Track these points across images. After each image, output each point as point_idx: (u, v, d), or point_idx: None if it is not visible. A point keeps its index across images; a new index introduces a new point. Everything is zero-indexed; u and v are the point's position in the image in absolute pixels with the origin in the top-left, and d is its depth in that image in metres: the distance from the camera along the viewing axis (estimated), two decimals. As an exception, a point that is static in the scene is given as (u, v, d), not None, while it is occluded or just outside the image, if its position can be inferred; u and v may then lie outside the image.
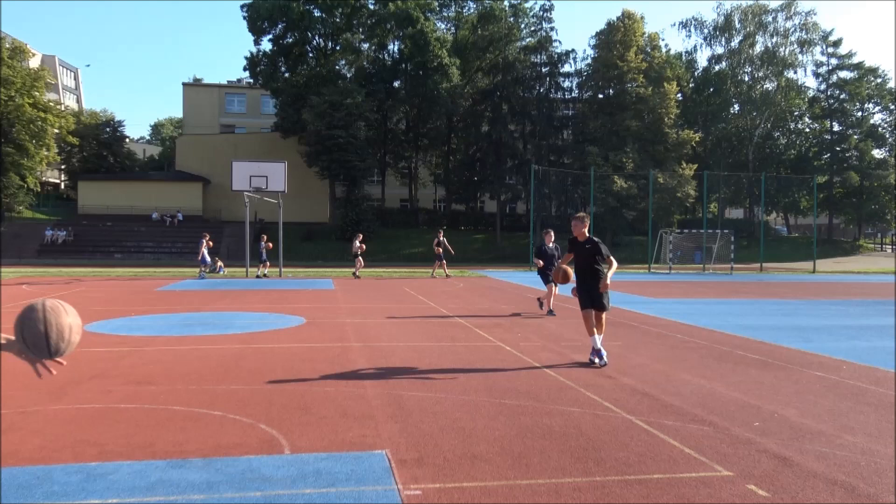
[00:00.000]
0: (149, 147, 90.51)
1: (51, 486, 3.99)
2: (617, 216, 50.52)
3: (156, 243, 48.15)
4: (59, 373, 7.39)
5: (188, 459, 4.50)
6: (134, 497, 3.84)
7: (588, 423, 5.57)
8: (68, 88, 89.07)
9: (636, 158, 50.38)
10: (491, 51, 55.54)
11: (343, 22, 52.90)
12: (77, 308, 2.74)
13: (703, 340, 10.47)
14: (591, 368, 8.02)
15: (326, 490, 3.98)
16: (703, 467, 4.51)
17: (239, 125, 71.38)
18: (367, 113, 49.27)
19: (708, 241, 40.70)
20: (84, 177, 57.87)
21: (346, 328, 11.50)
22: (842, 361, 8.73)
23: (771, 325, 12.77)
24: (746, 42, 59.26)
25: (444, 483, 4.14)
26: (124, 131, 67.52)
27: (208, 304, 15.53)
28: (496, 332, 11.22)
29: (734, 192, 61.83)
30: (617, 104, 52.85)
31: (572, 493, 4.02)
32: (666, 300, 18.34)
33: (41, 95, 50.74)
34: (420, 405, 6.09)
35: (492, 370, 7.82)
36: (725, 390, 6.91)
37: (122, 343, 9.62)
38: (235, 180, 26.46)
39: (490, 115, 56.04)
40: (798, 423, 5.70)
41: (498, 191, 55.06)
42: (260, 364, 8.05)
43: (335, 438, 5.04)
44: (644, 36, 55.10)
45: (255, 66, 53.71)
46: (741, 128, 60.93)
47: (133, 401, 6.18)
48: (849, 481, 4.27)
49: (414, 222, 56.81)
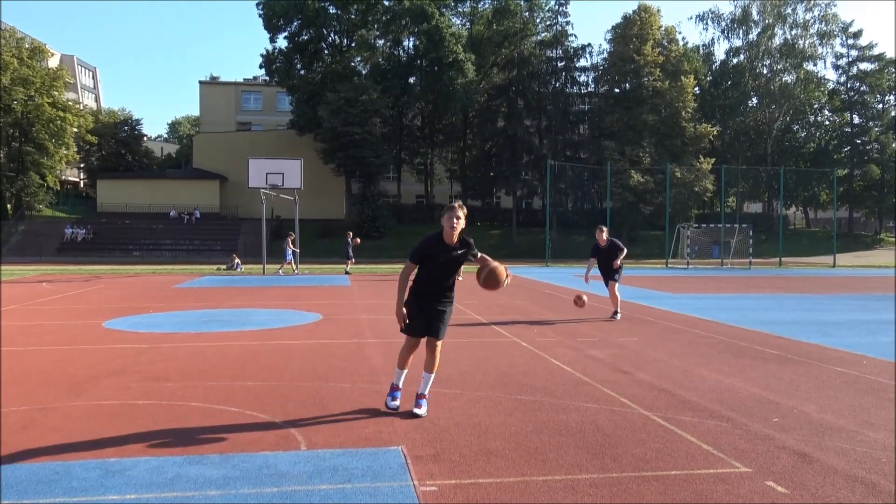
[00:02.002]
0: (166, 145, 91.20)
1: (70, 481, 4.03)
2: (634, 211, 50.27)
3: (174, 241, 48.57)
4: (77, 369, 7.46)
5: (205, 455, 4.53)
6: (151, 493, 3.87)
7: (605, 419, 5.54)
8: (87, 87, 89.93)
9: (653, 153, 50.09)
10: (506, 46, 55.42)
11: (358, 18, 52.98)
12: (95, 305, 2.75)
13: (721, 336, 10.39)
14: (608, 365, 7.97)
15: (342, 486, 3.98)
16: (721, 464, 4.47)
17: (255, 122, 71.73)
18: (382, 109, 49.34)
19: (726, 236, 40.33)
20: (103, 175, 58.47)
21: (361, 324, 11.52)
22: (862, 356, 8.62)
23: (790, 319, 12.64)
24: (765, 34, 58.67)
25: (460, 479, 4.13)
26: (142, 130, 68.22)
27: (226, 301, 15.62)
28: (512, 328, 11.20)
29: (752, 185, 61.29)
30: (633, 98, 52.54)
31: (589, 489, 4.00)
32: (683, 295, 18.22)
33: (60, 95, 51.30)
34: (435, 401, 6.08)
35: (508, 366, 7.80)
36: (744, 386, 6.84)
37: (140, 340, 9.70)
38: (252, 178, 26.59)
39: (505, 111, 55.93)
40: (818, 418, 5.63)
41: (514, 186, 54.97)
42: (276, 360, 8.08)
43: (351, 434, 5.05)
44: (661, 29, 54.75)
45: (270, 63, 53.92)
46: (759, 121, 60.37)
47: (151, 397, 6.23)
48: (870, 478, 4.21)
49: (430, 218, 56.86)
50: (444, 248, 5.50)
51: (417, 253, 5.50)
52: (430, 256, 5.48)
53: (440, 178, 62.40)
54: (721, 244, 40.16)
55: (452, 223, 5.41)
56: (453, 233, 5.47)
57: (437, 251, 5.49)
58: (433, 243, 5.50)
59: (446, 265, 5.56)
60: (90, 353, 8.60)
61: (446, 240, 5.49)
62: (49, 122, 49.57)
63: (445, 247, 5.51)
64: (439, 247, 5.50)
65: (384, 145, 52.21)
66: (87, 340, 9.65)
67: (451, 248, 5.53)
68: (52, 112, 49.39)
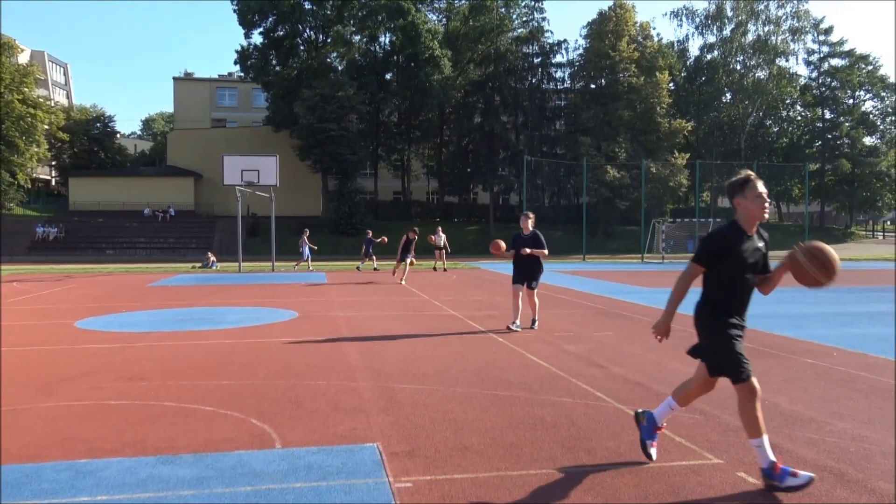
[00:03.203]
0: (140, 142, 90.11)
1: (40, 483, 3.97)
2: (610, 206, 50.63)
3: (148, 239, 48.01)
4: (49, 370, 7.35)
5: (178, 455, 4.49)
6: (124, 494, 3.83)
7: (580, 413, 5.57)
8: (58, 84, 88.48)
9: (628, 148, 50.46)
10: (483, 42, 55.43)
11: (334, 14, 52.67)
12: (68, 305, 2.72)
13: (694, 329, 10.47)
14: (584, 359, 8.02)
15: (317, 484, 3.97)
16: (693, 455, 4.52)
17: (230, 119, 71.13)
18: (358, 105, 49.15)
19: (701, 230, 40.79)
20: (75, 173, 57.64)
21: (338, 321, 11.48)
22: (832, 348, 8.76)
23: (763, 312, 12.79)
24: (738, 31, 59.29)
25: (436, 475, 4.14)
26: (115, 126, 67.28)
27: (201, 300, 15.49)
28: (489, 323, 11.23)
29: (726, 180, 61.81)
30: (609, 94, 52.84)
31: (564, 483, 4.02)
32: (659, 290, 18.37)
33: (30, 91, 50.44)
34: (412, 398, 6.09)
35: (484, 361, 7.82)
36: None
37: (113, 339, 9.59)
38: (227, 175, 26.36)
39: (482, 107, 55.99)
40: (788, 409, 5.72)
41: (491, 182, 55.05)
42: (252, 359, 8.03)
43: (326, 432, 5.03)
44: (636, 25, 55.09)
45: (245, 59, 53.44)
46: (733, 116, 61.05)
47: (124, 397, 6.16)
48: (838, 467, 4.29)
49: (407, 215, 56.76)
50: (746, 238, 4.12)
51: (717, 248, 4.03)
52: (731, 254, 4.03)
53: (417, 174, 62.31)
54: (696, 238, 40.61)
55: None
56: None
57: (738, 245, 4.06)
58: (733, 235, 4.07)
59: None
60: (62, 353, 8.48)
61: (745, 229, 4.13)
62: (19, 119, 48.73)
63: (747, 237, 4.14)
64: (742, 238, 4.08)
65: (361, 142, 52.05)
66: (58, 340, 9.52)
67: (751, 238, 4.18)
68: (22, 109, 48.55)
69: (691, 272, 4.12)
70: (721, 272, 4.05)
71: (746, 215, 4.09)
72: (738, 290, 4.10)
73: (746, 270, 4.04)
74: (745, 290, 4.12)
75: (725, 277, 4.06)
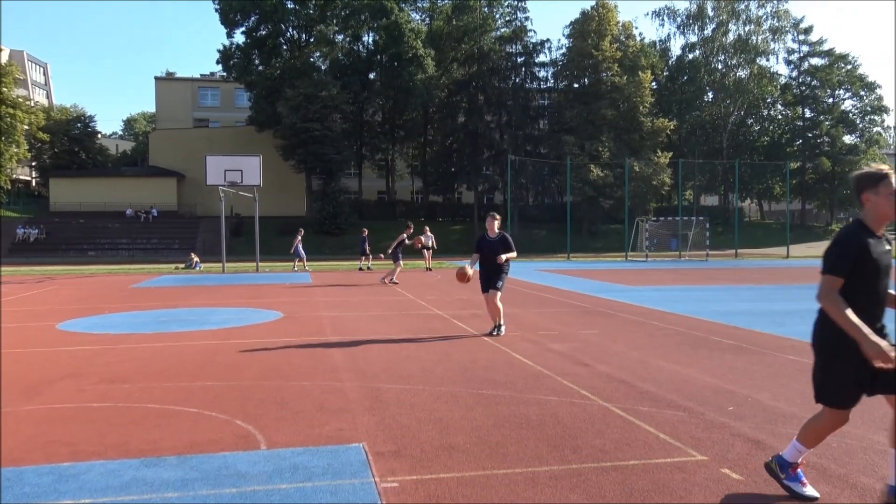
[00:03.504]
0: (121, 143, 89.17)
1: (22, 487, 3.94)
2: (593, 205, 50.84)
3: (130, 240, 47.62)
4: (31, 372, 7.28)
5: (163, 457, 4.46)
6: (107, 497, 3.80)
7: (565, 412, 5.60)
8: (38, 84, 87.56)
9: (612, 147, 50.71)
10: (466, 41, 55.42)
11: (317, 13, 52.44)
12: (49, 307, 2.69)
13: (679, 327, 10.56)
14: (569, 358, 8.06)
15: (303, 485, 3.96)
16: (678, 452, 4.55)
17: (213, 119, 70.62)
18: (342, 105, 49.00)
19: (683, 229, 41.09)
20: (55, 173, 56.97)
21: (323, 322, 11.45)
22: (814, 345, 8.84)
23: (745, 310, 12.92)
24: (719, 30, 59.70)
25: (422, 475, 4.14)
26: (96, 127, 66.47)
27: (184, 301, 15.38)
28: (474, 322, 11.24)
29: (709, 179, 62.45)
30: (592, 93, 53.06)
31: (549, 481, 4.04)
32: (642, 288, 18.48)
33: (9, 91, 49.84)
34: (397, 397, 6.09)
35: (469, 361, 7.83)
36: (700, 376, 6.98)
37: (95, 341, 9.50)
38: (210, 175, 26.20)
39: (466, 106, 56.03)
40: (771, 406, 5.77)
41: (475, 181, 55.08)
42: (236, 360, 7.99)
43: (312, 433, 5.02)
44: (618, 25, 55.37)
45: (228, 59, 53.10)
46: (715, 115, 61.48)
47: (106, 399, 6.11)
48: (820, 462, 4.33)
49: (391, 214, 56.64)
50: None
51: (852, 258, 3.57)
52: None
53: (401, 173, 62.19)
54: (679, 237, 40.92)
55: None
56: None
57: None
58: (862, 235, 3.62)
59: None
60: (44, 355, 8.39)
61: (873, 229, 3.66)
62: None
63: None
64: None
65: (344, 141, 51.91)
66: (40, 343, 9.42)
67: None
68: (0, 109, 48.00)
69: (833, 286, 3.58)
70: (854, 280, 3.58)
71: (876, 213, 3.62)
72: (874, 299, 3.65)
73: (881, 276, 3.60)
74: (881, 299, 3.67)
75: (858, 285, 3.59)
